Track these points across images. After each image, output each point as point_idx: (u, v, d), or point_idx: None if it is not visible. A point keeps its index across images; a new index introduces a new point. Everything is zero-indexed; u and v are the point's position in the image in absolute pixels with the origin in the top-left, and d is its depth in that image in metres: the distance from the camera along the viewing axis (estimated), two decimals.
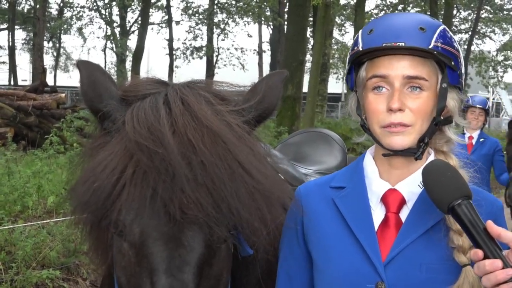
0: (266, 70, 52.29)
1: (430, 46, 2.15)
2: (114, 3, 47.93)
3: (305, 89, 22.70)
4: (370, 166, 2.33)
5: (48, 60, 57.10)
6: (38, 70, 33.75)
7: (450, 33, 2.26)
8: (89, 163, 2.07)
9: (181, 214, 1.82)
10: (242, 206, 1.86)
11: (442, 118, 2.23)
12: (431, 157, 2.28)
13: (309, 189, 2.42)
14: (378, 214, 2.23)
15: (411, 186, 2.22)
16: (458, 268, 2.08)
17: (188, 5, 50.16)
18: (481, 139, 8.56)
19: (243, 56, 52.58)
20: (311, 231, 2.33)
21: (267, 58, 53.58)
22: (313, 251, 2.32)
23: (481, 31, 49.82)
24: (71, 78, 63.16)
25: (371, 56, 2.20)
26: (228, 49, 52.49)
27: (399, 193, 2.22)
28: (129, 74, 43.25)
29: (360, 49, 2.20)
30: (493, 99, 61.30)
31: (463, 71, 2.29)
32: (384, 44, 2.13)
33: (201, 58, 51.06)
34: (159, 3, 48.33)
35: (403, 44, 2.12)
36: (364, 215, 2.22)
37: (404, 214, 2.20)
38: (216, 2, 49.21)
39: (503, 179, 8.84)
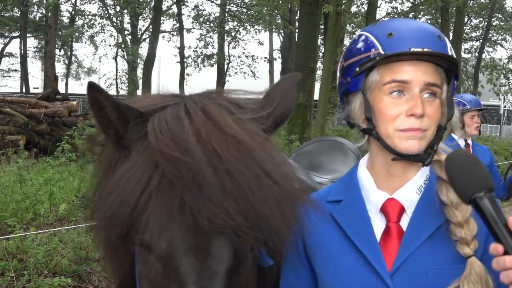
0: (277, 77, 52.38)
1: (450, 54, 2.17)
2: (125, 11, 48.05)
3: (316, 96, 22.72)
4: (365, 177, 2.32)
5: (59, 68, 57.42)
6: (50, 78, 33.91)
7: None
8: (110, 175, 2.04)
9: (209, 224, 1.81)
10: (270, 213, 1.85)
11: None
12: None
13: None
14: (378, 224, 2.22)
15: (409, 193, 2.22)
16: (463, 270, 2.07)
17: (199, 13, 50.30)
18: (476, 148, 7.66)
19: (254, 64, 52.68)
20: (313, 246, 2.32)
21: (278, 66, 53.78)
22: (317, 266, 2.32)
23: (492, 39, 49.75)
24: (82, 86, 63.50)
25: (390, 60, 2.18)
26: (239, 57, 52.63)
27: (398, 202, 2.22)
28: (140, 82, 43.29)
29: (382, 52, 2.16)
30: (505, 106, 61.15)
31: None
32: (412, 49, 2.11)
33: (212, 66, 51.17)
34: (170, 11, 48.46)
35: (430, 50, 2.12)
36: (365, 227, 2.22)
37: (404, 222, 2.19)
38: (227, 10, 49.34)
39: (501, 188, 7.64)
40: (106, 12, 50.94)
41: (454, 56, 2.20)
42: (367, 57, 2.20)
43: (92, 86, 1.99)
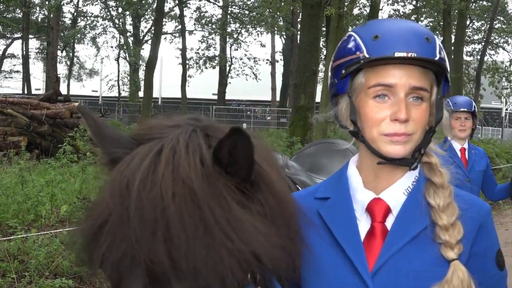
0: (279, 79, 52.39)
1: (436, 58, 2.13)
2: (127, 12, 48.12)
3: (317, 99, 22.72)
4: (354, 176, 2.29)
5: (61, 69, 57.49)
6: (52, 79, 33.95)
7: None
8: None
9: (147, 268, 1.77)
10: (203, 265, 1.77)
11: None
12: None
13: None
14: (364, 224, 2.19)
15: (396, 194, 2.19)
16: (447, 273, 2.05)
17: (201, 15, 50.35)
18: (472, 151, 7.32)
19: (256, 66, 52.68)
20: None
21: (279, 68, 53.72)
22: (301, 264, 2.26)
23: (494, 42, 49.77)
24: (84, 87, 63.63)
25: (375, 64, 2.15)
26: (241, 58, 52.63)
27: (384, 202, 2.19)
28: (142, 83, 43.30)
29: (367, 55, 2.13)
30: (507, 109, 61.13)
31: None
32: (396, 54, 2.08)
33: (214, 67, 51.22)
34: (172, 13, 48.53)
35: (415, 54, 2.08)
36: (350, 226, 2.19)
37: (390, 223, 2.17)
38: (229, 11, 49.37)
39: (498, 191, 7.45)
40: (108, 13, 51.04)
41: (444, 58, 2.18)
42: (353, 59, 2.18)
43: (80, 110, 2.00)
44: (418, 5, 41.64)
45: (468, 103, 7.27)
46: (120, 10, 49.25)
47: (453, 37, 36.01)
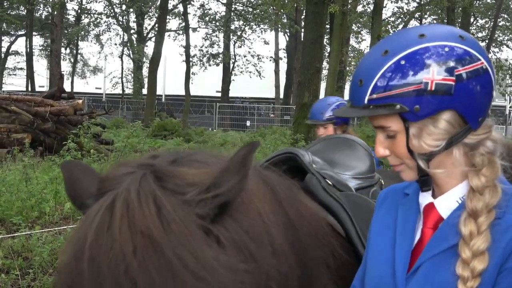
0: (282, 77, 52.35)
1: (365, 102, 2.05)
2: (131, 10, 48.11)
3: (321, 96, 22.70)
4: None
5: (65, 67, 57.54)
6: (56, 77, 33.95)
7: (413, 60, 2.00)
8: None
9: None
10: None
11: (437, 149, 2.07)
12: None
13: (388, 193, 2.42)
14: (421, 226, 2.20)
15: (448, 201, 2.13)
16: None
17: (205, 12, 50.32)
18: None
19: (260, 63, 52.63)
20: (370, 232, 2.39)
21: (283, 65, 53.69)
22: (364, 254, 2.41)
23: (498, 39, 49.65)
24: (88, 85, 63.62)
25: None
26: (244, 56, 52.57)
27: (435, 210, 2.15)
28: (145, 80, 43.30)
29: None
30: (511, 107, 60.99)
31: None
32: (347, 104, 2.17)
33: (217, 65, 51.17)
34: (176, 10, 48.51)
35: (350, 105, 2.13)
36: (408, 226, 2.20)
37: None
38: (233, 9, 49.35)
39: None
40: (112, 10, 51.01)
41: (375, 100, 2.04)
42: None
43: (62, 167, 2.06)
44: (422, 2, 41.56)
45: (317, 111, 6.46)
46: (124, 7, 49.24)
47: None
